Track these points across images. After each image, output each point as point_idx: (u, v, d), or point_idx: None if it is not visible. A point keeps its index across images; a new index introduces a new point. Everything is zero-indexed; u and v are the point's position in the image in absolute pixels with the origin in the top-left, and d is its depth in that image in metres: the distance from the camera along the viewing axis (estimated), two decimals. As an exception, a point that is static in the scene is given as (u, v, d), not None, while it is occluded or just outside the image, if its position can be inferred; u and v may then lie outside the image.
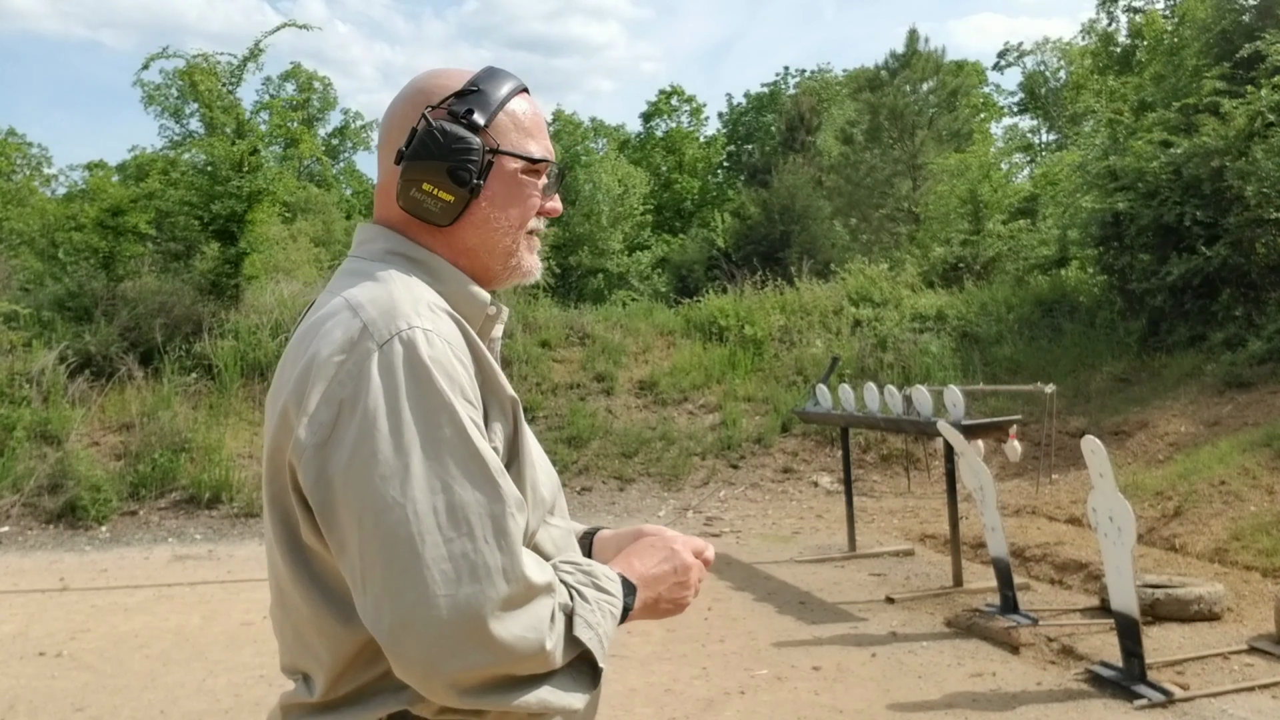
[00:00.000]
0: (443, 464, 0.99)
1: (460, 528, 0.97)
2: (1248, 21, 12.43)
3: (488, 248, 1.19)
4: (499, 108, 1.18)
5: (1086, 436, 4.44)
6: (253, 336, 11.22)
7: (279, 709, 1.13)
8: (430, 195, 1.13)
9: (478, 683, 0.97)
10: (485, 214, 1.17)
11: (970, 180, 18.20)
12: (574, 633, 1.03)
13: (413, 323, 1.03)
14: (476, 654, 0.95)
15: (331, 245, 27.36)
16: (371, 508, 0.97)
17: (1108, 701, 4.10)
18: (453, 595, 0.95)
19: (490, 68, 1.21)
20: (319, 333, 1.06)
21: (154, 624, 5.80)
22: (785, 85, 43.05)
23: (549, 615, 1.00)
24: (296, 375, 1.05)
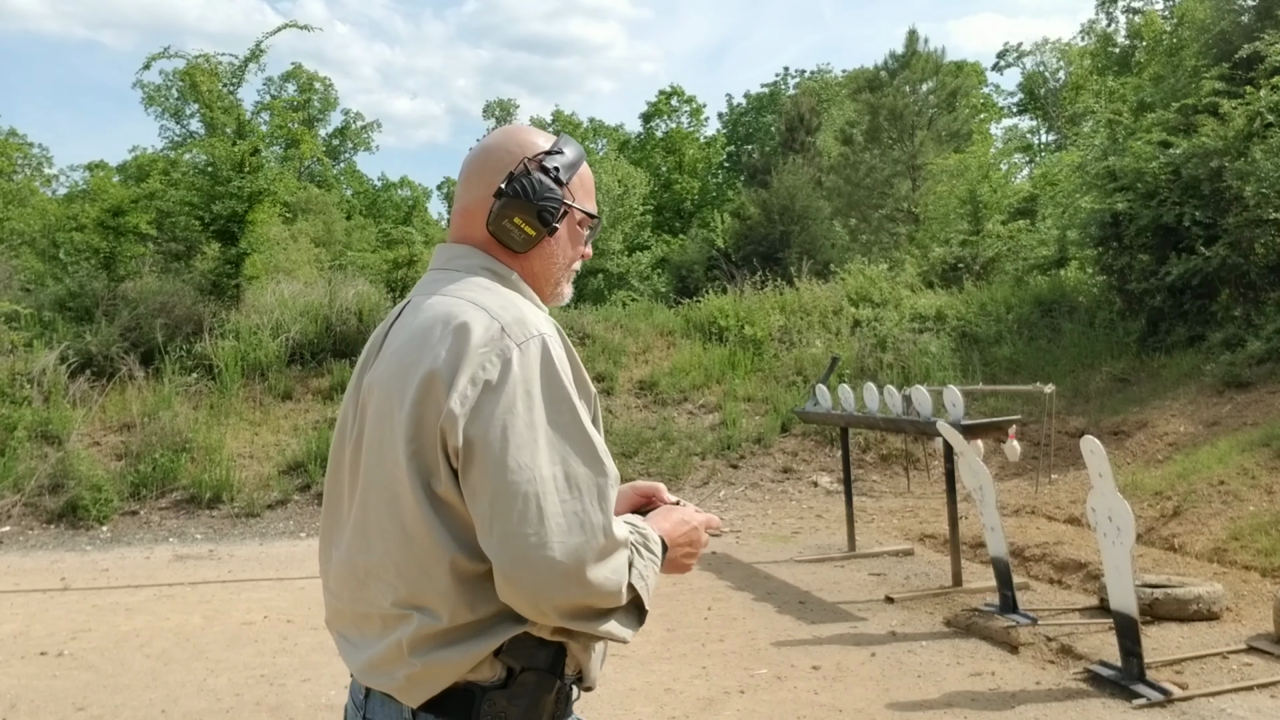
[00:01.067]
0: (563, 442, 1.27)
1: (573, 492, 1.25)
2: (1247, 22, 12.45)
3: (545, 276, 1.49)
4: (575, 170, 1.48)
5: (1086, 436, 4.45)
6: (253, 337, 11.23)
7: (405, 643, 1.29)
8: (518, 228, 1.42)
9: (570, 610, 1.23)
10: (551, 250, 1.48)
11: (970, 181, 18.22)
12: (630, 580, 1.28)
13: (542, 330, 1.32)
14: (575, 588, 1.22)
15: (331, 245, 27.39)
16: (505, 468, 1.22)
17: (1107, 701, 4.11)
18: (564, 542, 1.22)
19: (566, 135, 1.53)
20: (452, 329, 1.30)
21: (155, 624, 5.81)
22: (785, 86, 43.09)
23: (625, 564, 1.28)
24: (445, 357, 1.28)
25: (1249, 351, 9.16)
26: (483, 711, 1.28)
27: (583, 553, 1.22)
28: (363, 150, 49.06)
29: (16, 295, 11.72)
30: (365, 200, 45.60)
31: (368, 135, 48.77)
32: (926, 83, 25.27)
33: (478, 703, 1.28)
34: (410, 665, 1.29)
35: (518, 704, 1.29)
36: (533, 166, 1.44)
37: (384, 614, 1.33)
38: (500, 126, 1.58)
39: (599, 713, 4.18)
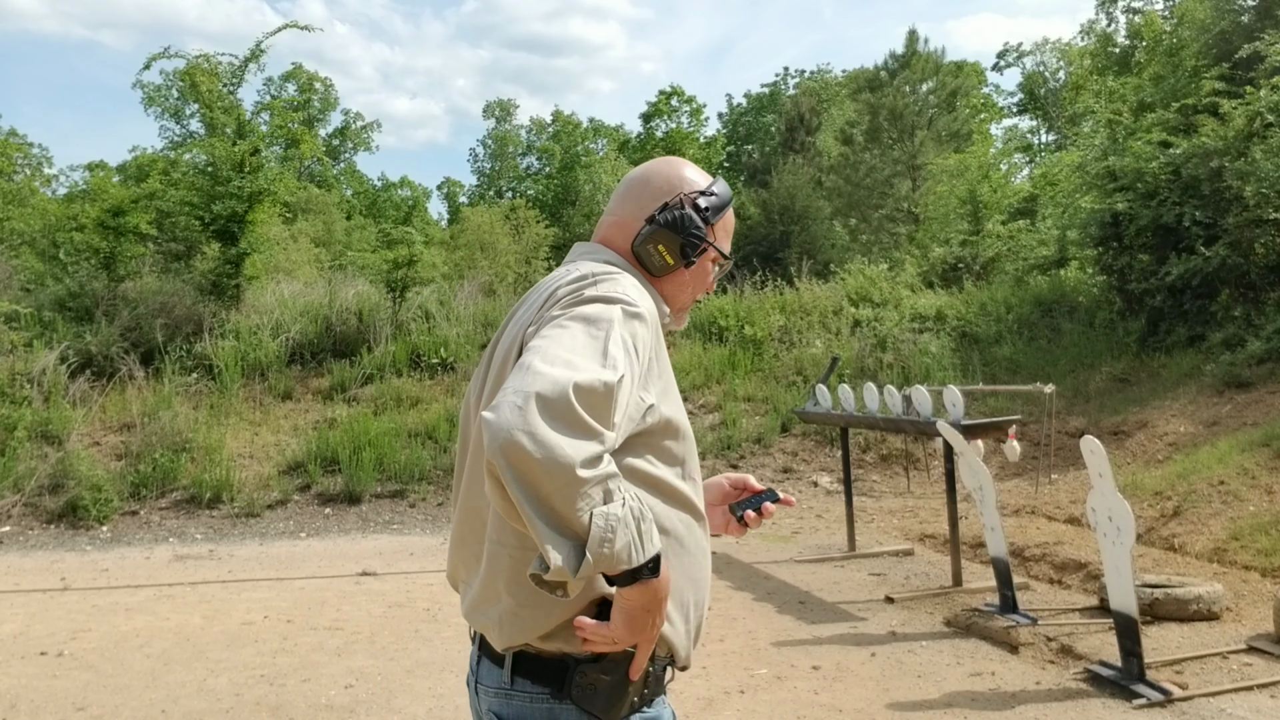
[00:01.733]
0: (589, 347, 1.25)
1: (571, 364, 1.20)
2: (1246, 22, 12.45)
3: (671, 299, 1.58)
4: (722, 213, 1.58)
5: (1086, 436, 4.45)
6: (253, 337, 11.23)
7: (502, 579, 1.36)
8: (659, 254, 1.52)
9: (510, 453, 1.13)
10: (682, 279, 1.58)
11: (969, 180, 18.22)
12: (593, 517, 1.16)
13: (628, 293, 1.37)
14: (527, 437, 1.13)
15: (332, 245, 27.37)
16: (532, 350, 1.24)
17: (1106, 701, 4.11)
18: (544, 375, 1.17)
19: (721, 179, 1.62)
20: (560, 280, 1.43)
21: (155, 624, 5.81)
22: (785, 86, 43.10)
23: (595, 460, 1.16)
24: (544, 301, 1.40)
25: (1249, 351, 9.16)
26: (575, 682, 1.32)
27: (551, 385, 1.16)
28: (363, 150, 49.10)
29: (16, 295, 11.72)
30: (365, 200, 45.60)
31: (368, 135, 48.81)
32: (926, 83, 25.28)
33: (570, 673, 1.32)
34: (504, 603, 1.35)
35: (608, 677, 1.32)
36: (687, 202, 1.53)
37: (486, 551, 1.38)
38: (664, 156, 1.67)
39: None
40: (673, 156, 1.65)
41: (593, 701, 1.32)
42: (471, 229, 27.72)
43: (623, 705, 1.34)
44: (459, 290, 13.90)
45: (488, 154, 51.30)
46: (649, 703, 1.40)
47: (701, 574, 1.47)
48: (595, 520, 1.15)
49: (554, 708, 1.34)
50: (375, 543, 8.20)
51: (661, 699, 1.44)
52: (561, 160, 43.00)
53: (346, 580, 6.88)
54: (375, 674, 4.73)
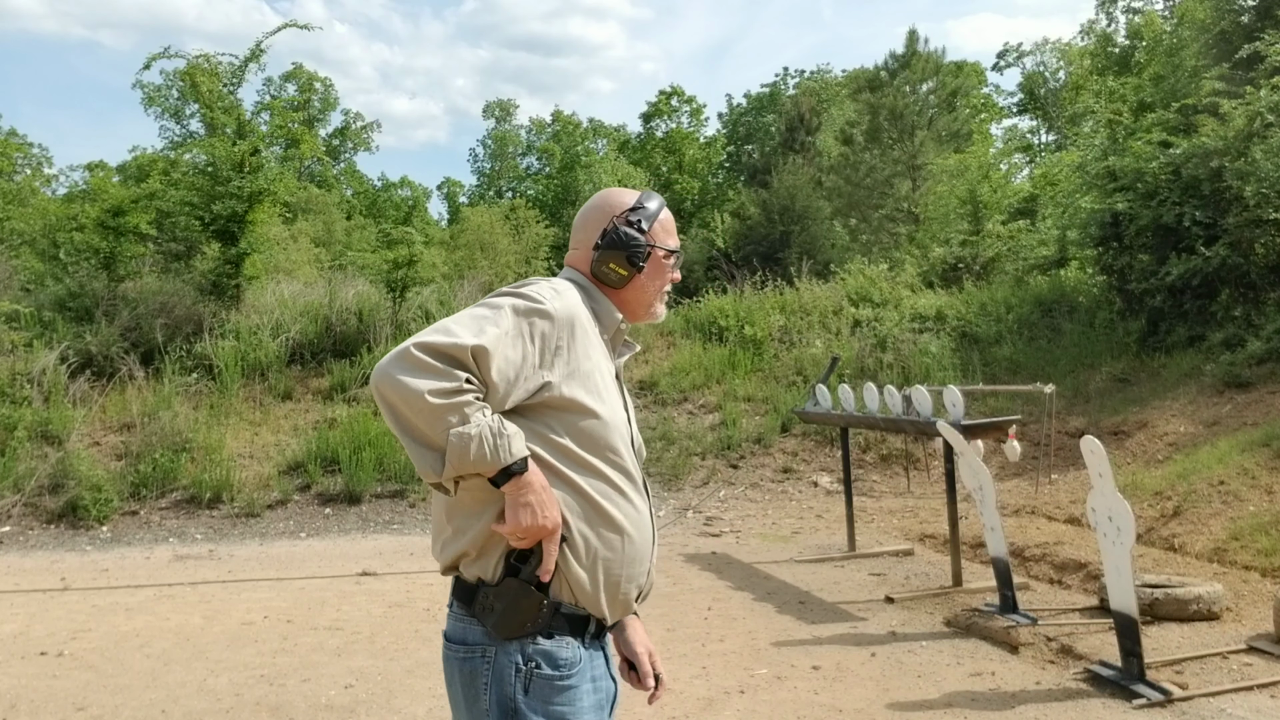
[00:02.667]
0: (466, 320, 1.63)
1: (438, 330, 1.61)
2: (1247, 22, 12.46)
3: (637, 301, 1.89)
4: (655, 218, 1.89)
5: (1086, 436, 4.45)
6: (253, 337, 11.23)
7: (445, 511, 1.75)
8: (613, 270, 1.84)
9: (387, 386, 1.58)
10: (642, 283, 1.88)
11: (970, 181, 18.22)
12: (449, 435, 1.56)
13: (541, 293, 1.70)
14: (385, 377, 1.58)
15: (332, 245, 27.37)
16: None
17: (1107, 701, 4.11)
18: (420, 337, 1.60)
19: (648, 191, 1.93)
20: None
21: (155, 623, 5.81)
22: (785, 86, 43.08)
23: (442, 392, 1.55)
24: None
25: (1249, 351, 9.16)
26: (477, 600, 1.67)
27: (405, 344, 1.59)
28: (362, 150, 49.09)
29: (16, 295, 11.72)
30: (365, 200, 45.60)
31: (368, 135, 48.79)
32: (926, 83, 25.27)
33: (476, 594, 1.67)
34: (445, 531, 1.73)
35: (500, 601, 1.64)
36: (620, 222, 1.84)
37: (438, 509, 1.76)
38: (599, 192, 2.01)
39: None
40: (605, 190, 1.98)
41: (486, 619, 1.65)
42: (471, 229, 27.73)
43: (510, 627, 1.63)
44: (459, 290, 13.91)
45: (488, 154, 51.29)
46: (549, 635, 1.65)
47: (619, 540, 1.72)
48: (450, 437, 1.56)
49: (468, 625, 1.68)
50: (375, 543, 8.20)
51: (572, 643, 1.67)
52: (561, 160, 42.99)
53: (346, 580, 6.89)
54: (375, 674, 4.73)
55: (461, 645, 1.68)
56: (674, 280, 1.93)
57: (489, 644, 1.65)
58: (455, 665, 1.69)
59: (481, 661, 1.65)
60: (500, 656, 1.64)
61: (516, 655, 1.64)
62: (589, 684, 1.69)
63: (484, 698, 1.64)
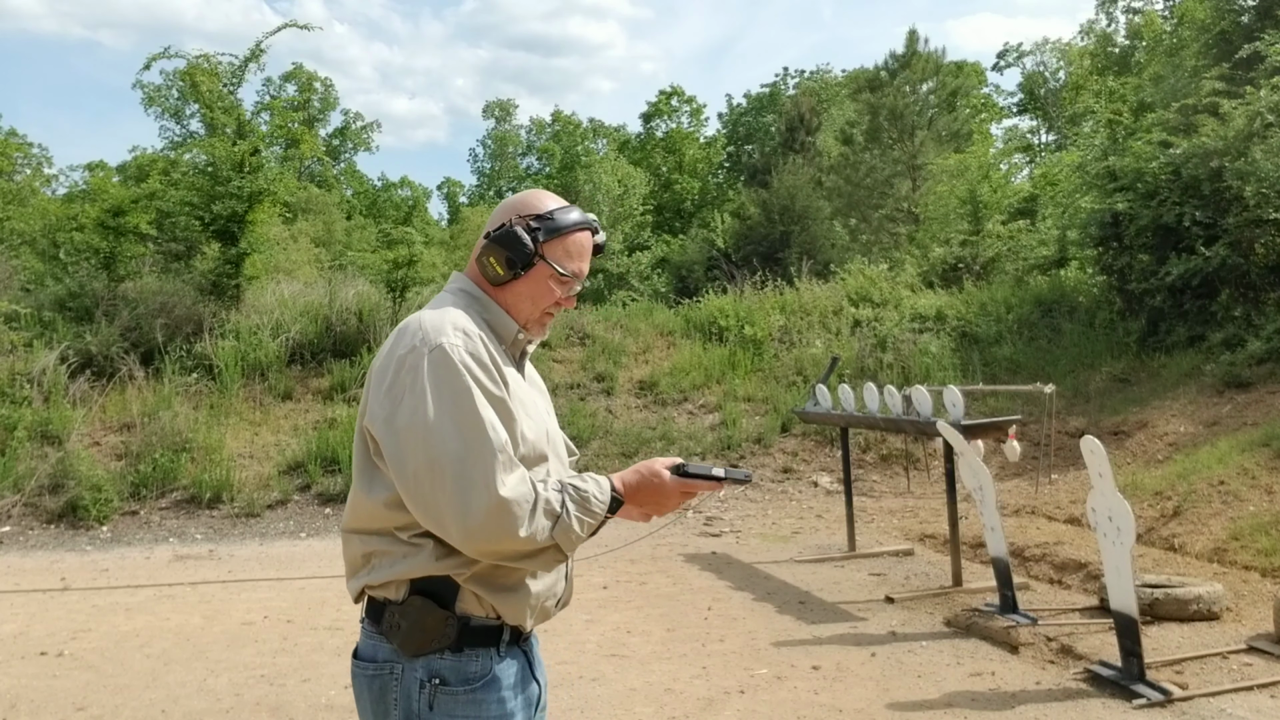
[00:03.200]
0: (460, 428, 1.59)
1: (465, 468, 1.57)
2: (1247, 22, 12.46)
3: (516, 308, 1.81)
4: (558, 234, 1.77)
5: (1086, 436, 4.45)
6: (253, 337, 11.23)
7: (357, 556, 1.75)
8: (490, 265, 1.77)
9: (488, 554, 1.60)
10: (519, 290, 1.79)
11: (970, 181, 18.22)
12: (553, 535, 1.61)
13: (449, 340, 1.64)
14: (474, 546, 1.58)
15: (332, 245, 27.38)
16: (421, 450, 1.58)
17: (1106, 701, 4.11)
18: (461, 515, 1.56)
19: (569, 206, 1.82)
20: (400, 339, 1.68)
21: (155, 624, 5.81)
22: (785, 86, 43.07)
23: (523, 518, 1.57)
24: (381, 365, 1.69)
25: (1249, 351, 9.16)
26: (383, 618, 1.68)
27: (471, 524, 1.55)
28: (363, 150, 49.10)
29: (16, 295, 11.71)
30: (365, 200, 45.61)
31: (368, 135, 48.80)
32: (927, 83, 25.26)
33: (385, 612, 1.69)
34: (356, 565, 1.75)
35: (405, 619, 1.65)
36: (519, 223, 1.76)
37: (347, 535, 1.78)
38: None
39: (599, 713, 4.18)
40: (534, 190, 1.89)
41: (393, 637, 1.66)
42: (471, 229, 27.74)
43: (415, 644, 1.64)
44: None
45: (487, 154, 51.31)
46: (457, 649, 1.66)
47: None
48: (555, 537, 1.61)
49: (378, 643, 1.70)
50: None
51: (482, 654, 1.67)
52: (561, 160, 42.99)
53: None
54: (375, 674, 4.72)
55: (371, 663, 1.69)
56: (563, 305, 1.83)
57: (396, 661, 1.66)
58: (364, 683, 1.70)
59: (390, 678, 1.66)
60: (407, 673, 1.65)
61: (421, 672, 1.64)
62: (498, 695, 1.68)
63: (393, 714, 1.65)
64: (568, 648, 5.07)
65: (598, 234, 1.86)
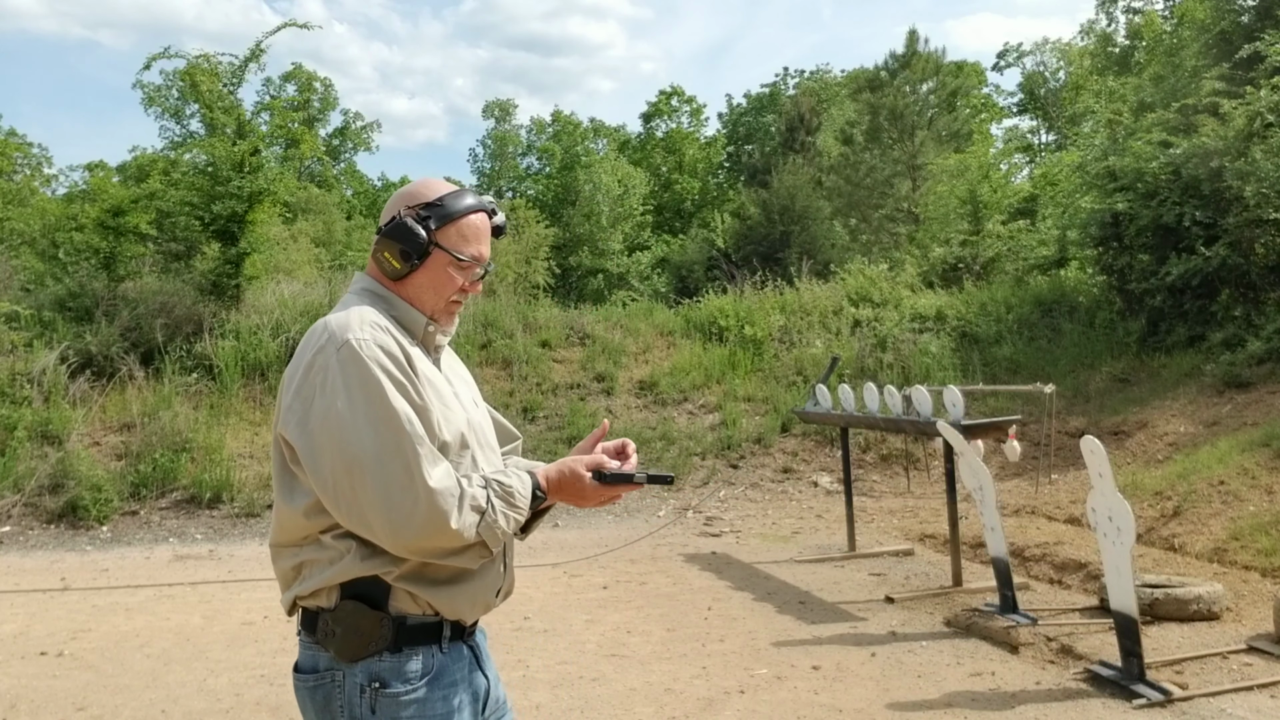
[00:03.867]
0: (374, 423, 1.58)
1: (385, 465, 1.57)
2: (1247, 22, 12.46)
3: (420, 301, 1.79)
4: (450, 220, 1.75)
5: (1086, 436, 4.45)
6: (253, 337, 11.23)
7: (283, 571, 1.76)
8: (387, 260, 1.76)
9: (416, 551, 1.60)
10: (419, 282, 1.78)
11: (970, 181, 18.22)
12: (478, 530, 1.62)
13: (355, 334, 1.63)
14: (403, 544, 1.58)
15: (332, 245, 27.37)
16: (337, 449, 1.58)
17: (1107, 701, 4.11)
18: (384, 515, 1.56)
19: (460, 190, 1.79)
20: (308, 342, 1.69)
21: (155, 623, 5.81)
22: (785, 86, 43.07)
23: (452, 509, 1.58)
24: (290, 370, 1.68)
25: (1249, 351, 9.16)
26: (318, 626, 1.68)
27: (398, 520, 1.55)
28: (363, 150, 49.10)
29: (16, 295, 11.71)
30: (365, 200, 45.59)
31: (368, 135, 48.80)
32: (927, 83, 25.26)
33: (319, 620, 1.68)
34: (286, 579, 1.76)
35: (339, 625, 1.65)
36: (409, 214, 1.74)
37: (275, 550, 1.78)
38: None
39: (599, 713, 4.18)
40: (423, 178, 1.85)
41: (330, 644, 1.65)
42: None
43: (352, 649, 1.64)
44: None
45: (487, 154, 51.30)
46: (396, 650, 1.65)
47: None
48: (482, 532, 1.62)
49: (316, 652, 1.69)
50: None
51: (422, 653, 1.67)
52: (561, 160, 43.00)
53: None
54: (375, 674, 4.72)
55: (312, 674, 1.68)
56: (468, 291, 1.81)
57: (335, 668, 1.65)
58: (306, 695, 1.69)
59: (333, 686, 1.65)
60: (348, 679, 1.64)
61: (362, 676, 1.64)
62: (442, 692, 1.67)
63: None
64: (568, 648, 5.07)
65: (495, 215, 1.83)
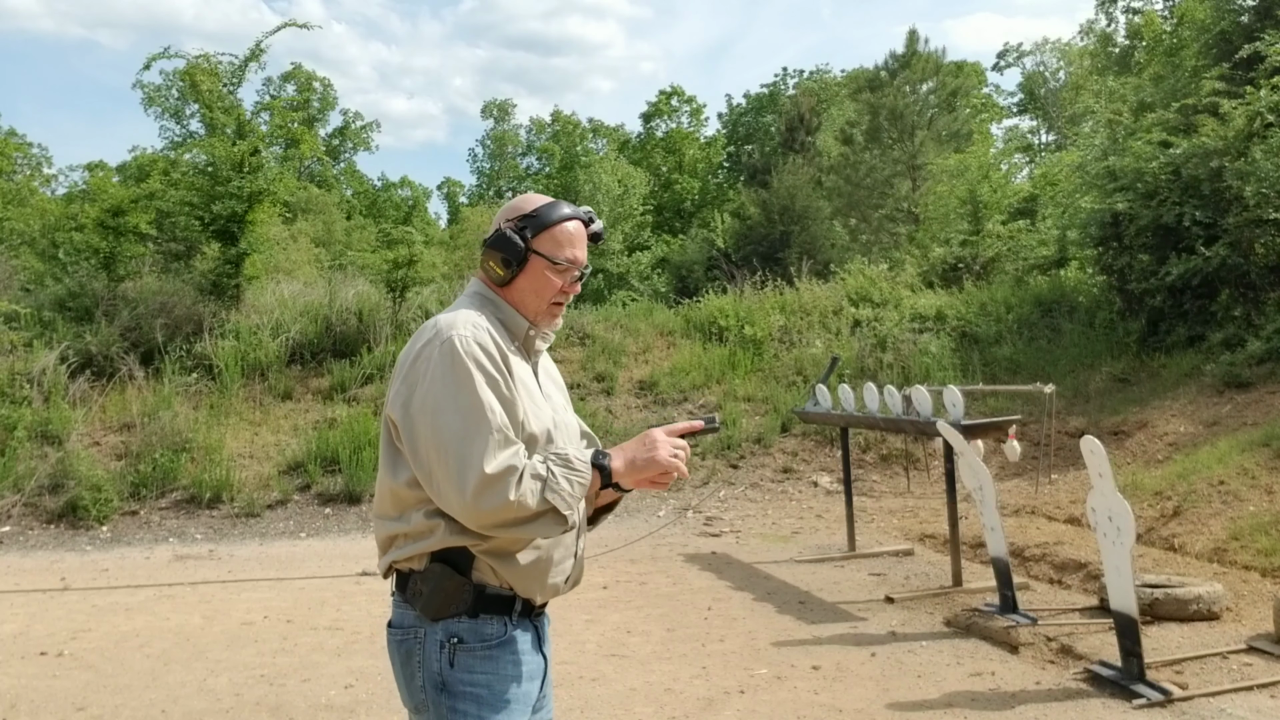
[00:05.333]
0: (459, 413, 1.77)
1: (465, 447, 1.74)
2: (1247, 22, 12.45)
3: (523, 304, 1.98)
4: (545, 228, 1.94)
5: (1086, 436, 4.45)
6: (253, 337, 11.23)
7: (381, 538, 1.93)
8: (492, 268, 1.97)
9: (489, 526, 1.76)
10: (521, 287, 1.97)
11: (970, 181, 18.21)
12: (544, 495, 1.76)
13: (458, 332, 1.83)
14: (476, 518, 1.74)
15: (331, 245, 27.38)
16: (430, 430, 1.78)
17: (1106, 701, 4.11)
18: (459, 488, 1.73)
19: (555, 202, 1.98)
20: (419, 336, 1.89)
21: (155, 624, 5.81)
22: (785, 86, 43.06)
23: (511, 487, 1.72)
24: (401, 358, 1.89)
25: (1249, 351, 9.16)
26: (408, 586, 1.86)
27: (467, 494, 1.71)
28: (362, 150, 49.10)
29: (16, 295, 11.72)
30: (365, 200, 45.59)
31: (367, 135, 48.79)
32: (927, 83, 25.25)
33: (409, 581, 1.86)
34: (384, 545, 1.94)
35: (426, 585, 1.83)
36: (508, 226, 1.94)
37: (376, 520, 1.96)
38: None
39: (599, 713, 4.18)
40: (523, 194, 2.08)
41: (416, 602, 1.84)
42: (471, 229, 27.72)
43: (435, 607, 1.81)
44: (459, 290, 13.88)
45: (487, 154, 51.29)
46: (474, 614, 1.83)
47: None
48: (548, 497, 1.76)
49: (405, 610, 1.88)
50: (375, 543, 8.19)
51: (496, 620, 1.84)
52: (561, 160, 43.00)
53: (346, 580, 6.88)
54: (375, 674, 4.72)
55: (399, 629, 1.88)
56: (568, 292, 1.99)
57: (420, 625, 1.84)
58: (395, 647, 1.89)
59: (415, 642, 1.85)
60: (429, 636, 1.83)
61: (441, 633, 1.82)
62: (513, 656, 1.86)
63: (419, 675, 1.85)
64: (568, 648, 5.07)
65: (592, 224, 2.01)
